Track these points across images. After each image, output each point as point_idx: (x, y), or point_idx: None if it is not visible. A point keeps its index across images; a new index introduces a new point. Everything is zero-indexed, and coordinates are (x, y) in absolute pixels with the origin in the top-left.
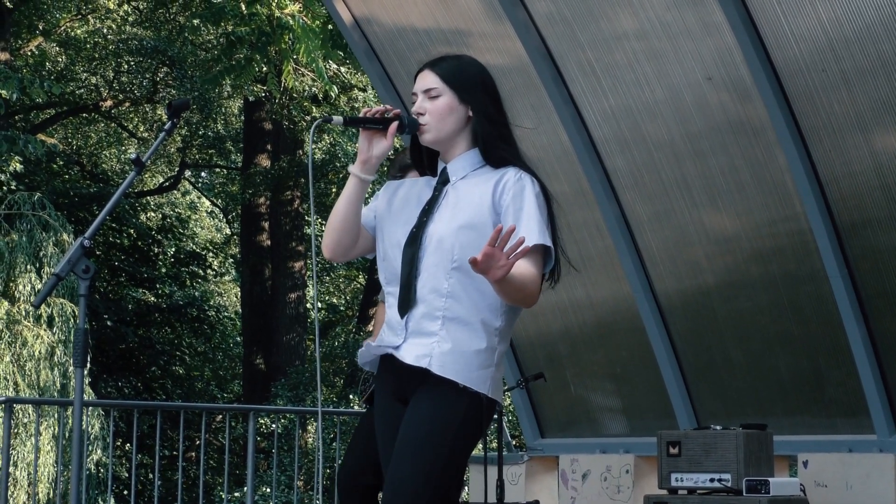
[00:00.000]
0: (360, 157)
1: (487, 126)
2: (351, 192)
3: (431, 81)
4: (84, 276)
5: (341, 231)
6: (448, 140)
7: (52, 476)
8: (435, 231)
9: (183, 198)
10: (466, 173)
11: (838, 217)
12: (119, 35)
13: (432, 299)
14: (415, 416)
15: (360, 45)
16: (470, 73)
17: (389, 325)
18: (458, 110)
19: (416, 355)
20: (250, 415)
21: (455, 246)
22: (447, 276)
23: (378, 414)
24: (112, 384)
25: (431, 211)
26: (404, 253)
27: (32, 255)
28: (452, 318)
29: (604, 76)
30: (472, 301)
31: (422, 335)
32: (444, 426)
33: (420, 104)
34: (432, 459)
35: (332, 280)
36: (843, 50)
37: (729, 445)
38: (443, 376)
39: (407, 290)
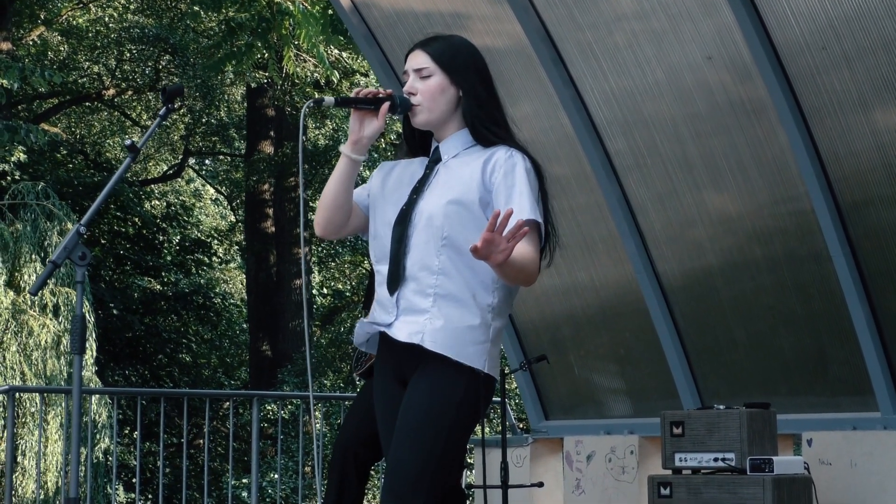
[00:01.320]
0: (352, 138)
1: (476, 107)
2: (342, 171)
3: (423, 61)
4: (81, 262)
5: (332, 209)
6: (440, 120)
7: (59, 465)
8: (424, 208)
9: (187, 185)
10: (458, 152)
11: (840, 196)
12: (120, 23)
13: (423, 276)
14: (413, 398)
15: (359, 29)
16: (461, 54)
17: (380, 303)
18: (449, 91)
19: (408, 332)
20: (254, 401)
21: (444, 223)
22: (437, 253)
23: (377, 393)
24: (119, 373)
25: (422, 189)
26: (394, 231)
27: (37, 245)
28: (444, 295)
29: (604, 58)
30: (463, 278)
31: (413, 312)
32: (443, 408)
33: (411, 84)
34: (432, 443)
35: (338, 266)
36: (843, 28)
37: (732, 425)
38: (437, 353)
39: (396, 267)
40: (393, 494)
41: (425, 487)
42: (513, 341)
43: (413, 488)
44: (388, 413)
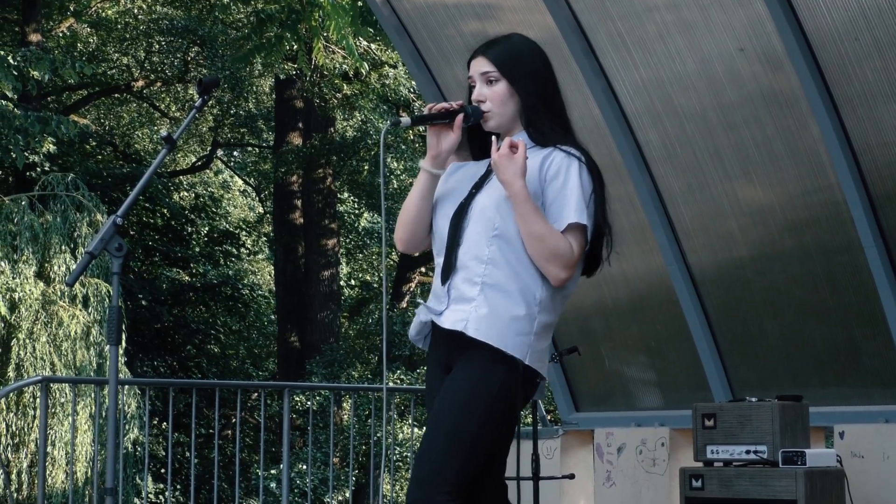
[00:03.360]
0: (431, 153)
1: (532, 109)
2: (422, 186)
3: (487, 66)
4: (117, 254)
5: (414, 224)
6: (509, 123)
7: (89, 455)
8: (480, 201)
9: (215, 177)
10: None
11: (872, 187)
12: (150, 15)
13: (473, 265)
14: (450, 385)
15: (389, 20)
16: (522, 58)
17: (434, 293)
18: (514, 98)
19: (453, 320)
20: (285, 392)
21: (496, 214)
22: (488, 244)
23: (427, 382)
24: (148, 363)
25: (482, 185)
26: (451, 223)
27: (67, 236)
28: (491, 285)
29: (635, 48)
30: (511, 268)
31: (462, 301)
32: (477, 396)
33: (479, 91)
34: (462, 431)
35: (366, 257)
36: (875, 18)
37: (765, 417)
38: (478, 340)
39: (449, 257)
40: (418, 481)
41: (451, 476)
42: None
43: (438, 476)
44: (433, 401)
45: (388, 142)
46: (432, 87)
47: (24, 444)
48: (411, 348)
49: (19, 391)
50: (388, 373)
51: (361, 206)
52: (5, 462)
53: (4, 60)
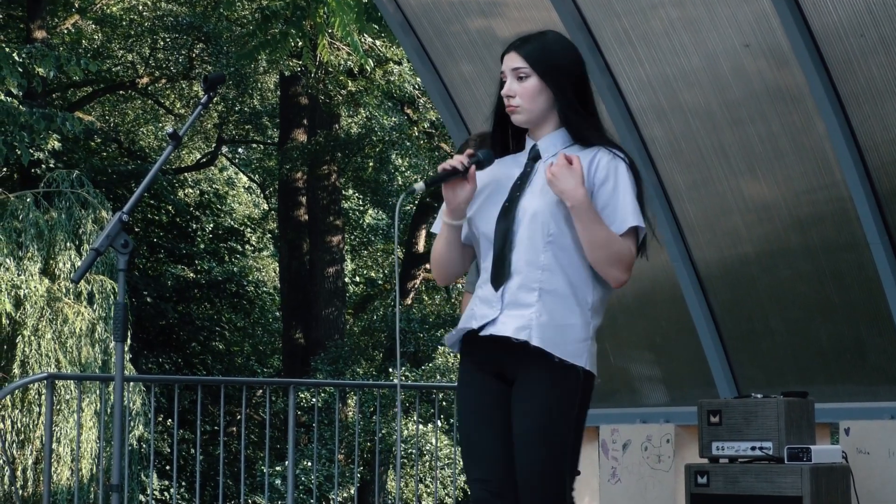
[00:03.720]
0: (449, 207)
1: (570, 108)
2: (447, 237)
3: (519, 63)
4: (123, 250)
5: (448, 265)
6: (538, 120)
7: (94, 452)
8: (528, 205)
9: (220, 174)
10: (557, 151)
11: (878, 184)
12: (154, 12)
13: (529, 271)
14: (532, 403)
15: (394, 17)
16: (555, 55)
17: (484, 299)
18: (545, 92)
19: (515, 327)
20: (290, 389)
21: (550, 220)
22: (543, 249)
23: (464, 384)
24: (153, 360)
25: (523, 186)
26: (497, 227)
27: (72, 233)
28: (549, 291)
29: (640, 44)
30: (566, 275)
31: (518, 307)
32: (563, 411)
33: (510, 86)
34: (560, 448)
35: (371, 254)
36: (881, 14)
37: (770, 413)
38: (543, 350)
39: (501, 262)
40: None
41: (563, 493)
42: None
43: (555, 498)
44: (478, 401)
45: (393, 138)
46: (437, 83)
47: (30, 441)
48: (416, 345)
49: (24, 388)
50: (393, 369)
51: (366, 203)
52: (11, 459)
53: (10, 57)
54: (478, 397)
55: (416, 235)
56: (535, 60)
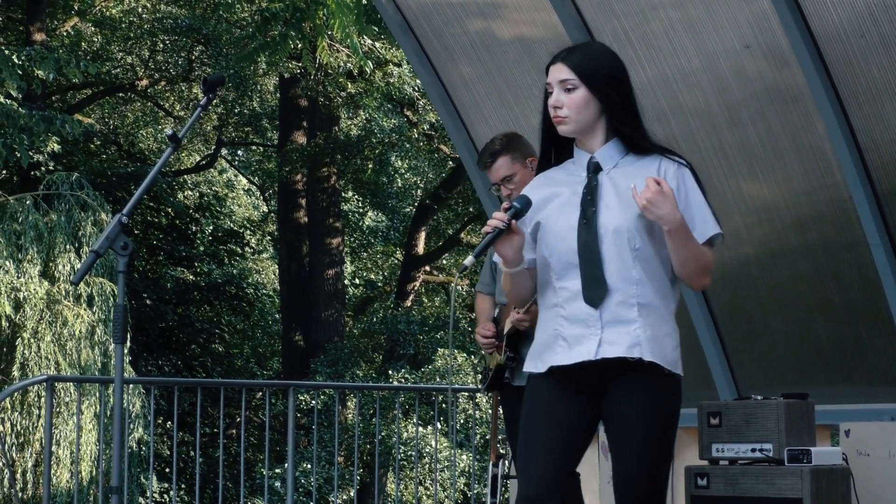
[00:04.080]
0: (506, 260)
1: (619, 118)
2: (514, 279)
3: (566, 73)
4: (122, 252)
5: (521, 295)
6: (585, 130)
7: (94, 454)
8: (609, 221)
9: (220, 176)
10: (616, 162)
11: (879, 184)
12: (154, 14)
13: (625, 287)
14: (641, 416)
15: (394, 18)
16: (601, 66)
17: (575, 318)
18: (593, 103)
19: (626, 346)
20: (290, 391)
21: (634, 234)
22: (633, 264)
23: (538, 391)
24: (152, 363)
25: (595, 200)
26: (580, 245)
27: (71, 235)
28: (645, 304)
29: (640, 46)
30: (654, 286)
31: (620, 323)
32: (666, 420)
33: (557, 97)
34: (658, 457)
35: (370, 256)
36: (881, 15)
37: (770, 415)
38: (650, 362)
39: (594, 280)
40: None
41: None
42: None
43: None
44: (550, 412)
45: (393, 140)
46: (437, 85)
47: (29, 444)
48: (416, 347)
49: (24, 390)
50: (392, 371)
51: (366, 205)
52: (10, 461)
53: (9, 59)
54: (549, 403)
55: (415, 237)
56: (582, 71)
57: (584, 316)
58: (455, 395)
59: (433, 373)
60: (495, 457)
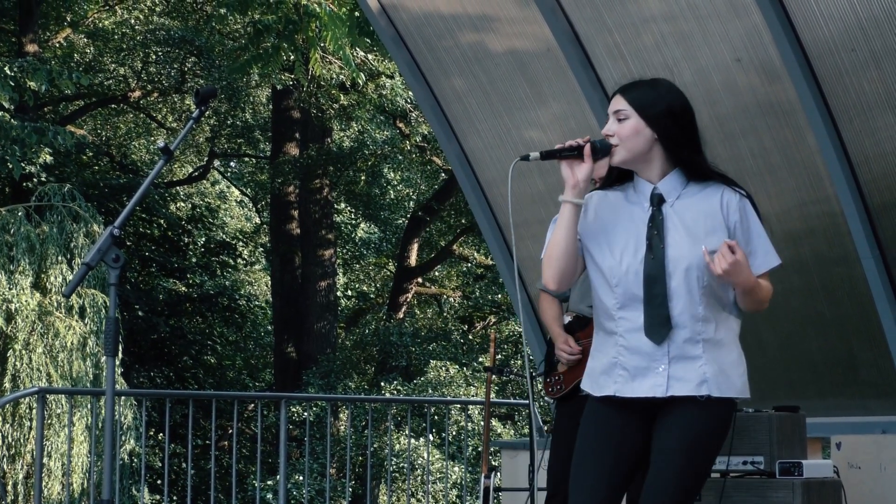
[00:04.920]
0: (569, 183)
1: (676, 147)
2: (567, 218)
3: (621, 105)
4: (114, 265)
5: (565, 258)
6: (638, 160)
7: (85, 466)
8: (679, 256)
9: (212, 187)
10: (679, 193)
11: (869, 198)
12: (146, 25)
13: (692, 324)
14: (687, 435)
15: (387, 31)
16: (658, 99)
17: (637, 351)
18: (644, 132)
19: (696, 384)
20: (282, 403)
21: (704, 271)
22: (700, 301)
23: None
24: (144, 374)
25: (661, 234)
26: (647, 278)
27: (63, 247)
28: (709, 340)
29: (632, 59)
30: (718, 318)
31: (686, 360)
32: (710, 450)
33: (609, 126)
34: (693, 483)
35: (363, 268)
36: (872, 29)
37: (762, 428)
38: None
39: (659, 318)
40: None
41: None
42: (541, 344)
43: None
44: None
45: (385, 152)
46: (429, 98)
47: (21, 456)
48: (408, 359)
49: (15, 402)
50: (385, 383)
51: (358, 217)
52: (1, 474)
53: (1, 71)
54: (606, 428)
55: (407, 249)
56: (636, 102)
57: (647, 349)
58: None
59: (425, 385)
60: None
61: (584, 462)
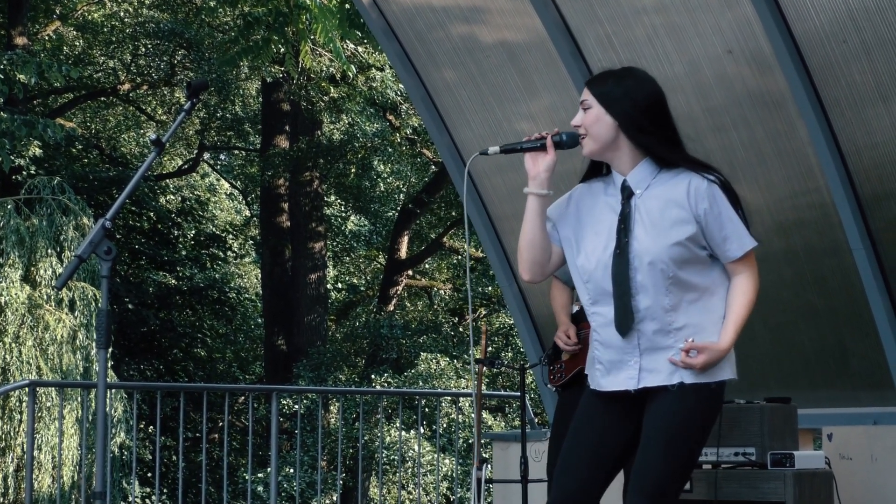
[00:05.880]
0: (531, 175)
1: (639, 133)
2: (532, 209)
3: (585, 95)
4: (106, 257)
5: (533, 249)
6: (607, 150)
7: (76, 459)
8: (643, 250)
9: (202, 180)
10: (648, 184)
11: (860, 189)
12: (136, 18)
13: (661, 315)
14: (662, 419)
15: (377, 23)
16: (617, 86)
17: (610, 344)
18: (605, 119)
19: (666, 373)
20: (273, 395)
21: (668, 264)
22: (667, 293)
23: (583, 410)
24: (134, 367)
25: (628, 228)
26: (614, 274)
27: (53, 240)
28: (681, 327)
29: (623, 51)
30: (691, 308)
31: (658, 350)
32: (694, 434)
33: (577, 117)
34: (686, 461)
35: (353, 260)
36: (863, 20)
37: (753, 419)
38: (692, 383)
39: (625, 310)
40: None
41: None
42: (531, 336)
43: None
44: (588, 436)
45: (376, 144)
46: (420, 89)
47: (10, 449)
48: (399, 351)
49: (5, 395)
50: (375, 376)
51: (348, 209)
52: None
53: None
54: (589, 419)
55: (398, 241)
56: (598, 91)
57: (619, 343)
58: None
59: (416, 377)
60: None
61: (569, 450)
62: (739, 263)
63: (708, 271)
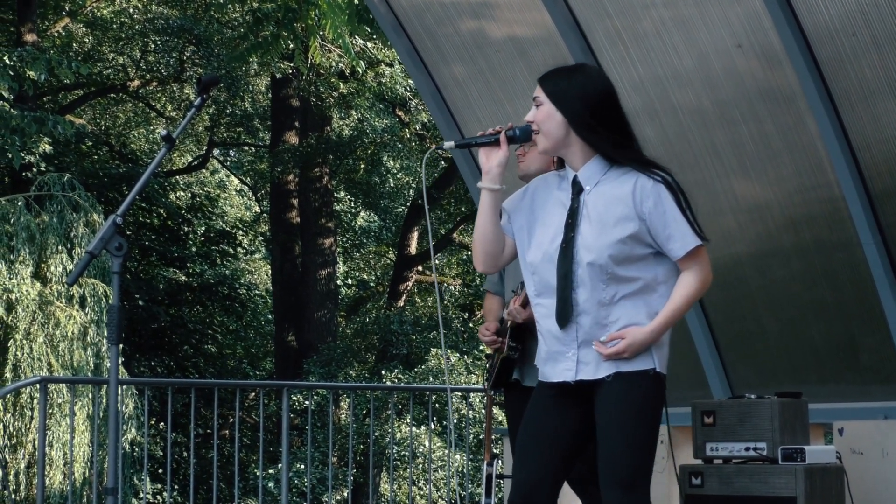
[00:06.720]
0: (483, 170)
1: (588, 132)
2: (485, 203)
3: (537, 91)
4: (117, 253)
5: (485, 242)
6: (559, 146)
7: (87, 456)
8: (585, 246)
9: (212, 176)
10: (597, 180)
11: (871, 183)
12: (145, 14)
13: (597, 309)
14: (616, 410)
15: (386, 18)
16: (568, 83)
17: (550, 335)
18: (555, 116)
19: (606, 368)
20: (284, 391)
21: (608, 261)
22: (605, 287)
23: (533, 403)
24: (145, 364)
25: (575, 223)
26: (558, 267)
27: (63, 236)
28: (616, 320)
29: (632, 45)
30: (627, 303)
31: (592, 344)
32: (644, 419)
33: (530, 114)
34: (643, 448)
35: (363, 256)
36: (873, 14)
37: (764, 414)
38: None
39: (565, 302)
40: (622, 484)
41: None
42: None
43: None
44: (542, 428)
45: (385, 140)
46: (430, 85)
47: (22, 445)
48: (409, 347)
49: (17, 392)
50: (385, 372)
51: (358, 205)
52: (3, 463)
53: (0, 60)
54: (540, 412)
55: (408, 237)
56: (549, 87)
57: (559, 335)
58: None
59: (426, 373)
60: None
61: (523, 444)
62: (686, 261)
63: (651, 268)
